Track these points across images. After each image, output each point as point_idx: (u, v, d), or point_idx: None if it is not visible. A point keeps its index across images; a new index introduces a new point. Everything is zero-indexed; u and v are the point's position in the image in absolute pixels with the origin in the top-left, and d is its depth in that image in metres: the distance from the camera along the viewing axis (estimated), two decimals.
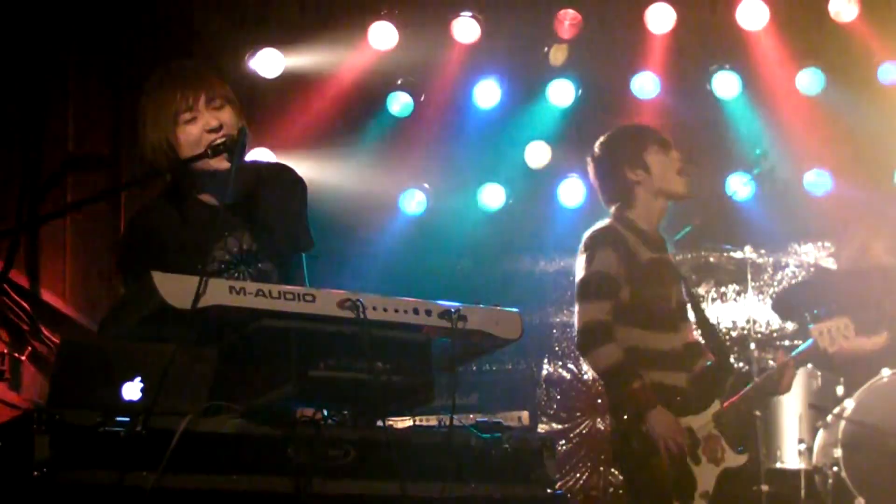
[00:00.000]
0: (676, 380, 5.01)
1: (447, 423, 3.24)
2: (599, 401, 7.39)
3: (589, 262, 4.96)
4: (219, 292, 2.85)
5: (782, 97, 8.08)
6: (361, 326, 2.96)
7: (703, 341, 5.28)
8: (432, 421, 5.71)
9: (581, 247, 5.08)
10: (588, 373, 7.15)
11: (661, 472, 4.81)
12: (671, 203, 5.20)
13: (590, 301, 4.91)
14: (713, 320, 7.61)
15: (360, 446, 2.94)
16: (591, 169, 5.29)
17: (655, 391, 4.83)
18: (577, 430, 7.42)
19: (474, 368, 6.54)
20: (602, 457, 7.43)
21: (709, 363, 5.11)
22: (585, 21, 7.95)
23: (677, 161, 5.12)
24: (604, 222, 5.11)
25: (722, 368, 5.22)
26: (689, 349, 5.07)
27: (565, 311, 7.82)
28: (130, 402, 2.71)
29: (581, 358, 5.18)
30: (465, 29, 7.94)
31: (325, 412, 3.03)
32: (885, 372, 6.66)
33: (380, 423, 3.04)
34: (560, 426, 7.40)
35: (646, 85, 8.09)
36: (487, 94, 8.12)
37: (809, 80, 8.06)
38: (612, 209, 5.15)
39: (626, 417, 4.85)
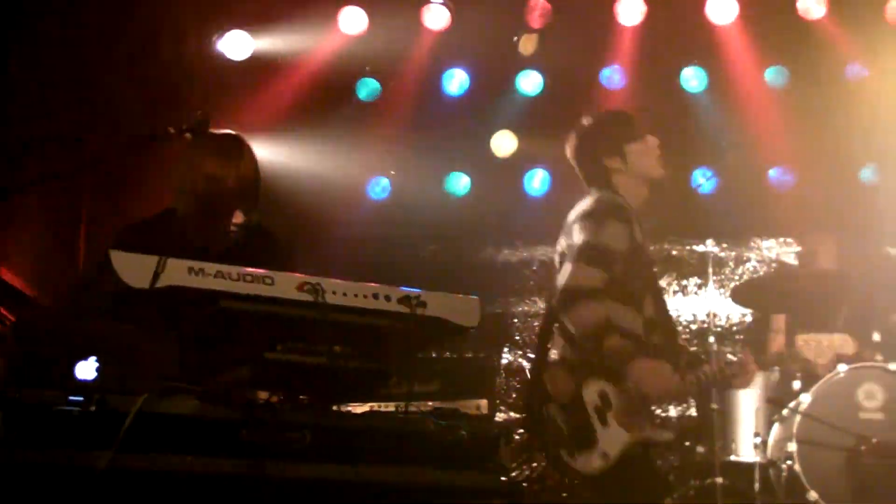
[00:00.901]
0: None
1: (405, 409, 3.26)
2: None
3: (597, 228, 4.92)
4: (177, 273, 2.84)
5: (749, 93, 8.17)
6: (320, 310, 2.96)
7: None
8: (390, 407, 5.73)
9: (585, 211, 5.03)
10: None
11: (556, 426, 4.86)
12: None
13: (589, 266, 4.87)
14: (672, 312, 7.85)
15: (316, 430, 2.94)
16: (569, 151, 5.31)
17: None
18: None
19: (434, 356, 6.56)
20: None
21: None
22: (556, 11, 8.01)
23: (655, 148, 5.15)
24: (608, 194, 5.10)
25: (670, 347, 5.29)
26: (647, 324, 5.08)
27: (527, 301, 7.88)
28: (85, 381, 2.70)
29: (562, 313, 5.12)
30: (436, 16, 7.98)
31: (284, 396, 3.04)
32: (842, 368, 6.72)
33: (336, 407, 3.04)
34: (519, 415, 7.44)
35: (614, 77, 8.16)
36: (456, 81, 8.16)
37: (776, 77, 8.18)
38: (595, 190, 5.18)
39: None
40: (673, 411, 7.28)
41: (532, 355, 7.65)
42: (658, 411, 7.02)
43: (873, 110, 8.17)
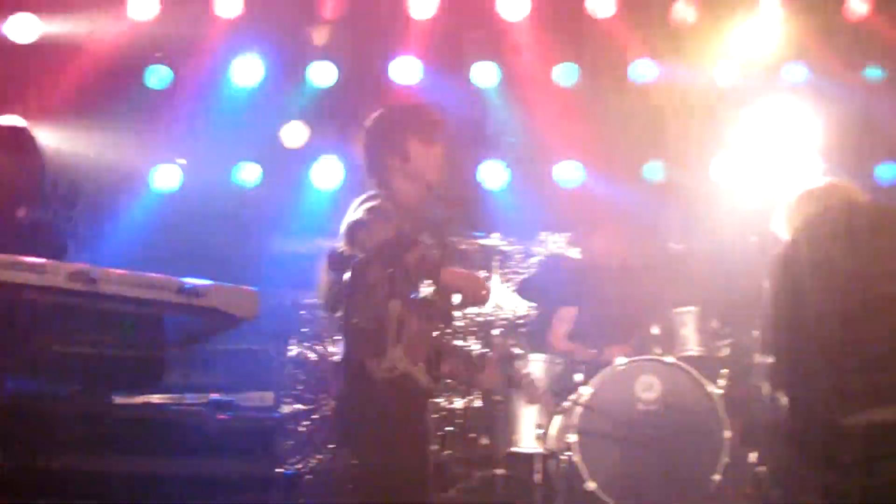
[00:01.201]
0: None
1: (180, 400, 3.25)
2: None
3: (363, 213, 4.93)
4: None
5: (539, 89, 8.37)
6: (91, 299, 2.97)
7: None
8: (166, 399, 5.70)
9: (353, 221, 4.95)
10: (337, 355, 7.17)
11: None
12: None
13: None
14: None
15: (86, 422, 2.94)
16: (358, 145, 5.34)
17: None
18: (322, 412, 7.48)
19: (220, 347, 6.52)
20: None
21: None
22: (349, 2, 8.06)
23: (439, 156, 5.17)
24: (380, 197, 5.04)
25: None
26: None
27: (314, 293, 7.87)
28: None
29: (350, 244, 5.09)
30: (227, 4, 7.94)
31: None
32: (620, 360, 7.00)
33: (109, 398, 3.04)
34: (305, 407, 7.45)
35: (405, 70, 8.23)
36: (247, 70, 8.14)
37: (565, 74, 8.41)
38: (374, 185, 5.21)
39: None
40: (459, 403, 7.37)
41: (319, 347, 7.73)
42: (443, 402, 7.11)
43: (659, 109, 8.50)
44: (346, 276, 4.60)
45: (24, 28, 7.71)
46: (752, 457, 7.24)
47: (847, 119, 8.26)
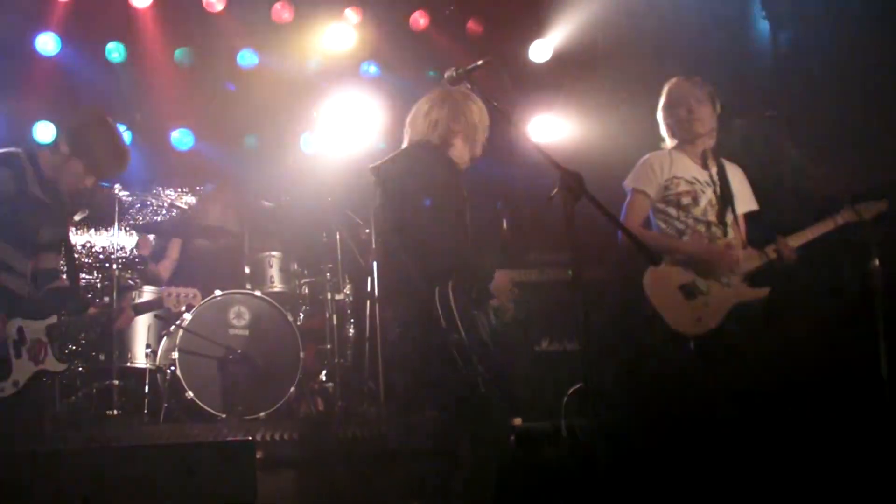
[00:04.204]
0: (19, 286, 5.42)
1: None
2: None
3: None
4: None
5: (161, 67, 9.02)
6: None
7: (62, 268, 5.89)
8: None
9: None
10: None
11: None
12: None
13: None
14: (88, 244, 8.45)
15: None
16: None
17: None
18: None
19: None
20: None
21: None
22: None
23: (79, 168, 5.52)
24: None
25: (73, 291, 5.81)
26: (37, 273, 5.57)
27: None
28: None
29: None
30: None
31: None
32: (218, 293, 7.74)
33: None
34: None
35: (48, 44, 8.55)
36: None
37: (184, 56, 9.16)
38: None
39: None
40: None
41: None
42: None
43: (260, 90, 9.33)
44: None
45: None
46: (322, 375, 8.11)
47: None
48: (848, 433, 5.75)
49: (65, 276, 5.88)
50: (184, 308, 7.03)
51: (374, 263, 7.55)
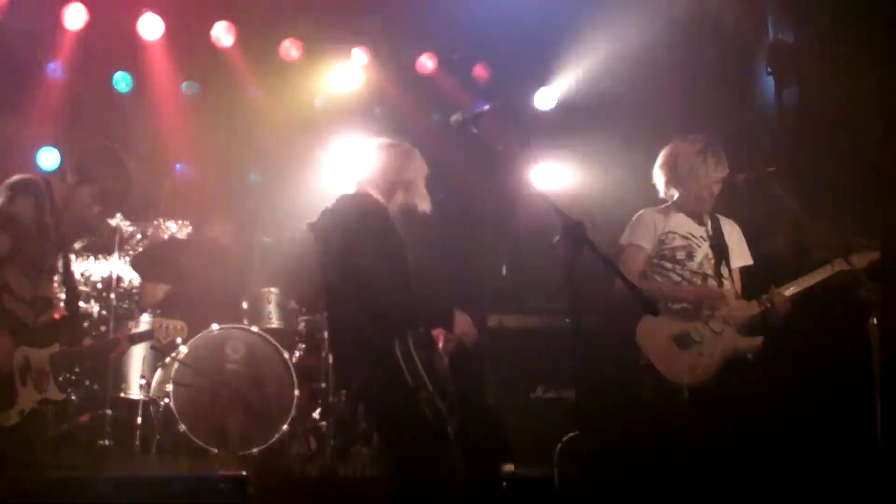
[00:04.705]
0: (24, 314, 5.44)
1: None
2: None
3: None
4: None
5: (167, 99, 9.04)
6: None
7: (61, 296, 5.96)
8: None
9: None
10: None
11: None
12: None
13: None
14: (87, 273, 8.42)
15: None
16: None
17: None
18: None
19: None
20: None
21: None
22: (9, 10, 8.22)
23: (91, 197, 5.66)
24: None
25: (73, 321, 5.84)
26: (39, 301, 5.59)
27: None
28: None
29: None
30: None
31: None
32: (215, 326, 7.76)
33: None
34: None
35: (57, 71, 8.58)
36: None
37: (189, 89, 9.18)
38: None
39: None
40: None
41: None
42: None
43: (262, 127, 9.36)
44: None
45: None
46: (316, 413, 8.07)
47: None
48: (841, 485, 5.76)
49: (63, 305, 5.89)
50: (175, 340, 7.05)
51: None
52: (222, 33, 9.15)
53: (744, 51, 8.07)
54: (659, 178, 6.13)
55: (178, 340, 7.59)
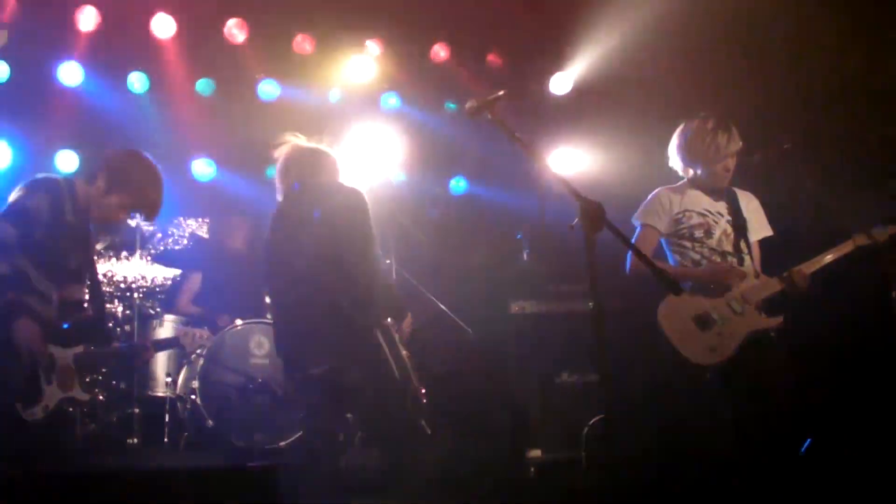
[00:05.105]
0: (48, 313, 5.47)
1: None
2: None
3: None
4: None
5: (182, 97, 9.02)
6: None
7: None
8: None
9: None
10: None
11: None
12: None
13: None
14: (110, 273, 8.41)
15: None
16: None
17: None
18: None
19: None
20: None
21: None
22: (22, 10, 8.29)
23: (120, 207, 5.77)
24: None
25: (97, 322, 5.87)
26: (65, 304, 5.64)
27: None
28: None
29: None
30: None
31: None
32: (239, 322, 7.80)
33: None
34: None
35: (70, 74, 8.59)
36: None
37: (205, 86, 9.14)
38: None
39: None
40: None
41: None
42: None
43: (281, 121, 8.66)
44: None
45: None
46: None
47: (428, 141, 9.37)
48: (865, 460, 5.74)
49: (87, 306, 5.91)
50: (198, 350, 7.18)
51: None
52: (235, 30, 9.13)
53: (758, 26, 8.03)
54: (675, 159, 6.12)
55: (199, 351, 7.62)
